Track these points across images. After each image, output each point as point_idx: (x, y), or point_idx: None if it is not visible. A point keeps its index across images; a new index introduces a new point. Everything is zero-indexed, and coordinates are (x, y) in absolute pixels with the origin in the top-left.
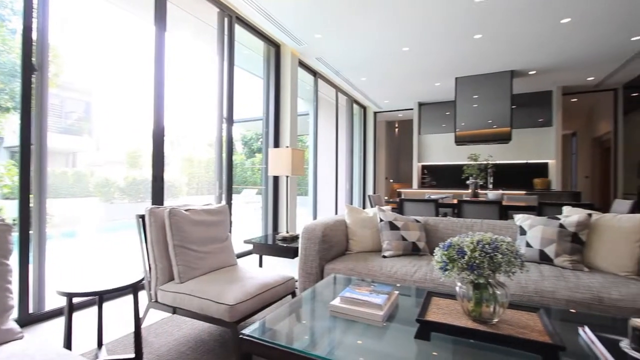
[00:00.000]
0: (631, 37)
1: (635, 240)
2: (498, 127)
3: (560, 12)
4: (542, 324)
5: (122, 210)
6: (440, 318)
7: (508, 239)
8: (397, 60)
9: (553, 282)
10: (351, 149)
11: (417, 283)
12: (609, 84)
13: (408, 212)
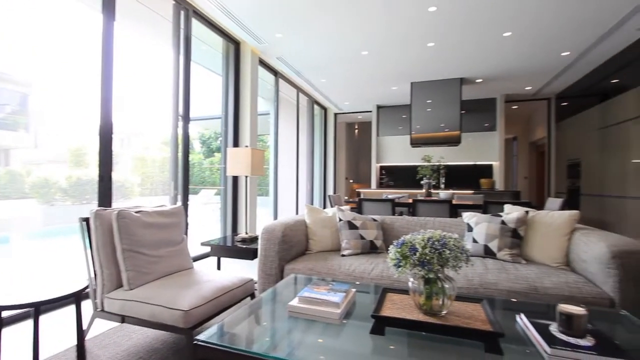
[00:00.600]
0: (561, 53)
1: (564, 234)
2: (449, 131)
3: (503, 27)
4: (485, 313)
5: (64, 213)
6: (394, 313)
7: (455, 235)
8: (356, 64)
9: (496, 275)
10: (312, 150)
11: (374, 280)
12: (544, 94)
13: (367, 212)
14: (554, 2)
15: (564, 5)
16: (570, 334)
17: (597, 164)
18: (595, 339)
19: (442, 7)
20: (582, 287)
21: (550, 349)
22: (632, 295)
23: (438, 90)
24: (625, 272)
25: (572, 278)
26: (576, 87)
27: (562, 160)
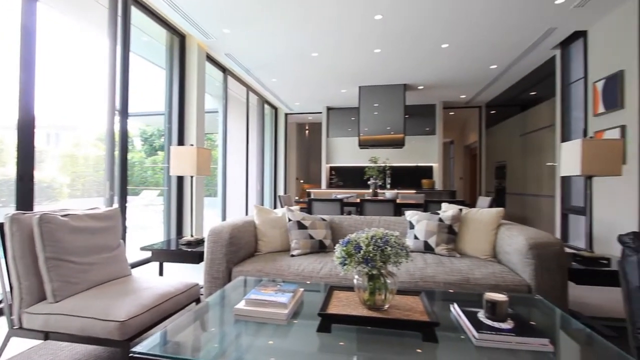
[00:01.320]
0: (490, 66)
1: (491, 229)
2: (394, 134)
3: (441, 39)
4: (423, 305)
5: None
6: (340, 310)
7: (396, 233)
8: (307, 65)
9: (434, 268)
10: (262, 149)
11: (323, 279)
12: (476, 102)
13: (316, 211)
14: (483, 21)
15: (491, 25)
16: (494, 319)
17: (519, 167)
18: (515, 322)
19: (387, 16)
20: (505, 276)
21: (478, 334)
22: (545, 281)
23: (384, 94)
24: (540, 261)
25: (498, 268)
26: (502, 97)
27: (491, 163)
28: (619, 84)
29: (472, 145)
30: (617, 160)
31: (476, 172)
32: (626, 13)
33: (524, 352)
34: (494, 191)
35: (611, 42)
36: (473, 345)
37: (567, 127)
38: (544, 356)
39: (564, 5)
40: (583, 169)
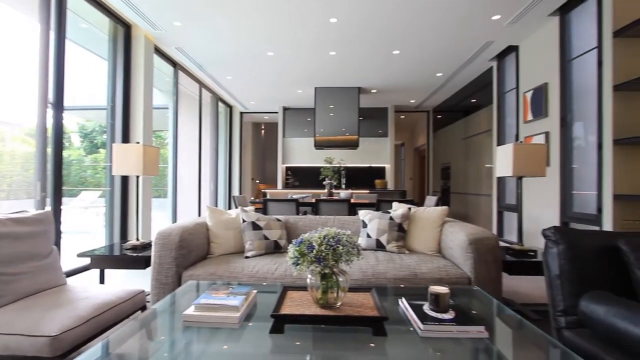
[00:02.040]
0: (436, 74)
1: (437, 226)
2: (349, 135)
3: (392, 45)
4: (373, 301)
5: None
6: (294, 310)
7: (348, 232)
8: (262, 64)
9: (385, 265)
10: (216, 149)
11: (278, 279)
12: (424, 107)
13: (272, 212)
14: (430, 32)
15: (437, 36)
16: (438, 310)
17: (462, 168)
18: (456, 312)
19: (342, 19)
20: (449, 270)
21: (422, 325)
22: (483, 273)
23: (340, 96)
24: (478, 255)
25: (442, 263)
26: (447, 103)
27: (437, 164)
28: (543, 95)
29: (421, 148)
30: (541, 163)
31: (424, 173)
32: (549, 32)
33: (464, 340)
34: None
35: (537, 57)
36: (419, 336)
37: (502, 132)
38: (480, 342)
39: (499, 22)
40: (514, 170)
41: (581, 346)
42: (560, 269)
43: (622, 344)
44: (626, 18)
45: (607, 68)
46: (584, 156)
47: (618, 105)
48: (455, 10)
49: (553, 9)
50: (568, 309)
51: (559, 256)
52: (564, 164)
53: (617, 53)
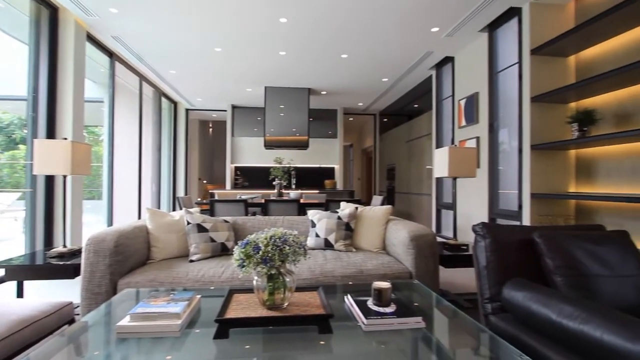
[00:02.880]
0: (382, 79)
1: (381, 225)
2: (299, 135)
3: (341, 49)
4: (320, 299)
5: None
6: (240, 313)
7: (295, 232)
8: (209, 60)
9: (333, 263)
10: (159, 147)
11: (225, 283)
12: (371, 110)
13: (219, 213)
14: (376, 38)
15: (383, 43)
16: (380, 305)
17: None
18: (397, 306)
19: (292, 20)
20: (392, 265)
21: (366, 320)
22: (422, 267)
23: (290, 96)
24: (418, 251)
25: (387, 259)
26: (393, 107)
27: (384, 165)
28: (475, 103)
29: (368, 149)
30: (472, 165)
31: (372, 174)
32: (480, 46)
33: (404, 331)
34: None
35: (470, 68)
36: (362, 331)
37: (440, 136)
38: (419, 331)
39: (438, 34)
40: (449, 171)
41: (504, 329)
42: (487, 261)
43: (536, 325)
44: (542, 38)
45: (526, 81)
46: (508, 159)
47: (535, 115)
48: (399, 21)
49: (483, 25)
50: (493, 296)
51: (485, 249)
52: (492, 166)
53: (534, 68)
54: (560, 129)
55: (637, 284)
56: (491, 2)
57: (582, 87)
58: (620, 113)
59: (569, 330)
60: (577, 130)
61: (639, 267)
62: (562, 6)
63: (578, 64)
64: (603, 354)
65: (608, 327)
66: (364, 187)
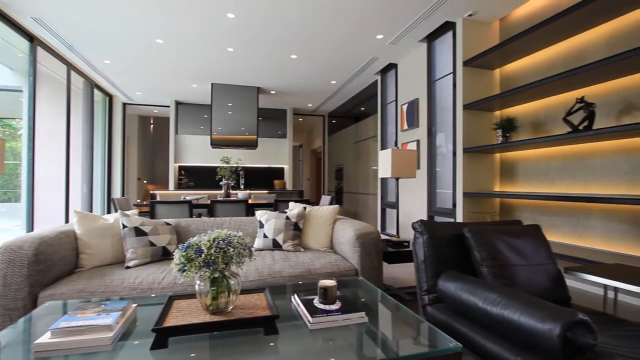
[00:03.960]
0: (331, 81)
1: (329, 224)
2: (248, 135)
3: (290, 49)
4: (266, 301)
5: None
6: (180, 320)
7: (240, 233)
8: (150, 51)
9: (281, 264)
10: (91, 144)
11: (166, 290)
12: (320, 111)
13: (161, 215)
14: (325, 41)
15: (331, 46)
16: (326, 303)
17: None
18: (342, 303)
19: (240, 16)
20: (339, 264)
21: (312, 319)
22: (367, 264)
23: (238, 94)
24: (364, 248)
25: (334, 258)
26: (341, 109)
27: (332, 166)
28: (415, 108)
29: (317, 150)
30: (413, 166)
31: (321, 174)
32: (420, 55)
33: (349, 326)
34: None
35: (411, 75)
36: (308, 329)
37: (385, 138)
38: (363, 326)
39: (382, 41)
40: (392, 172)
41: (440, 318)
42: (424, 255)
43: (466, 312)
44: (472, 51)
45: (459, 90)
46: (445, 161)
47: (466, 121)
48: (346, 26)
49: (422, 36)
50: (430, 288)
51: (423, 245)
52: (430, 168)
53: (466, 78)
54: (487, 135)
55: (547, 271)
56: (430, 15)
57: (504, 97)
58: (535, 121)
59: (492, 315)
60: (501, 135)
61: (548, 256)
62: (489, 24)
63: (502, 76)
64: (521, 334)
65: (524, 310)
66: (313, 187)
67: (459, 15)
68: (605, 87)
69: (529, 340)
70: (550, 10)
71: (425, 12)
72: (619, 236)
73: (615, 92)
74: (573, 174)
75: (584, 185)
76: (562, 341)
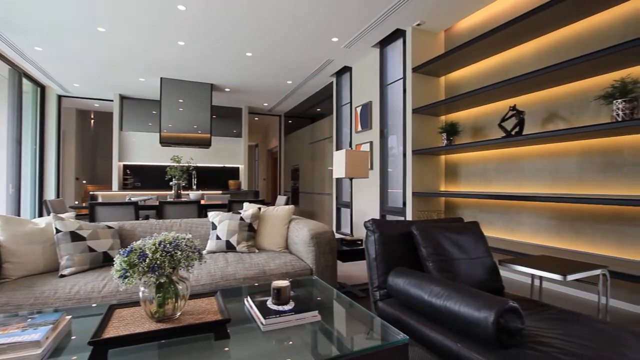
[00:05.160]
0: (287, 81)
1: (284, 224)
2: (201, 133)
3: (245, 47)
4: (217, 305)
5: None
6: (122, 331)
7: (189, 235)
8: (90, 40)
9: (235, 266)
10: (18, 139)
11: (107, 298)
12: (277, 111)
13: (103, 218)
14: (280, 40)
15: (287, 46)
16: (279, 303)
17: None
18: (295, 302)
19: (191, 8)
20: (295, 264)
21: (264, 320)
22: (322, 263)
23: (190, 91)
24: (318, 248)
25: (289, 258)
26: (297, 109)
27: (288, 166)
28: (369, 111)
29: (273, 150)
30: (366, 167)
31: (277, 174)
32: (373, 59)
33: (304, 325)
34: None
35: (365, 79)
36: (261, 331)
37: (340, 139)
38: (316, 325)
39: (337, 44)
40: (346, 172)
41: (390, 313)
42: (375, 253)
43: (414, 306)
44: (421, 58)
45: (409, 95)
46: (396, 162)
47: (415, 124)
48: (301, 26)
49: (375, 41)
50: (381, 284)
51: (375, 242)
52: (383, 168)
53: (415, 84)
54: (434, 138)
55: (484, 264)
56: (382, 22)
57: (449, 103)
58: (475, 126)
59: (436, 307)
60: (445, 139)
61: (485, 250)
62: (436, 34)
63: (447, 83)
64: (461, 323)
65: (463, 301)
66: (269, 188)
67: (409, 24)
68: (534, 97)
69: (468, 328)
70: (489, 24)
71: (378, 19)
72: (544, 230)
73: (541, 102)
74: (507, 175)
75: (516, 185)
76: (495, 327)
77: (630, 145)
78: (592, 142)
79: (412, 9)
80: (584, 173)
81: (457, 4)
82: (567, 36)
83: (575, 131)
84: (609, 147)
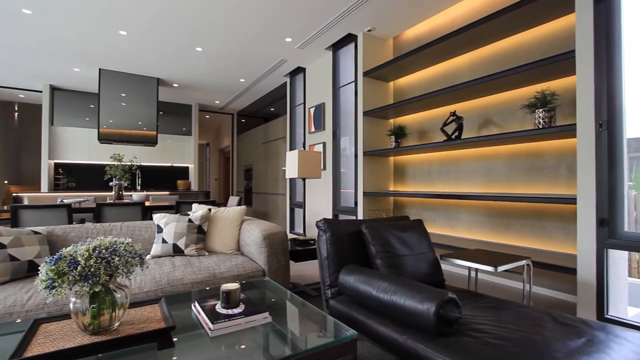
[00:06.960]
0: (239, 79)
1: (236, 226)
2: (147, 130)
3: (195, 42)
4: (161, 312)
5: None
6: (48, 347)
7: (128, 239)
8: (13, 22)
9: (182, 270)
10: None
11: (33, 312)
12: (229, 110)
13: (28, 223)
14: (232, 37)
15: (239, 43)
16: (229, 307)
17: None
18: (245, 305)
19: None
20: (246, 265)
21: (213, 325)
22: (274, 264)
23: (134, 84)
24: (270, 248)
25: (241, 260)
26: (250, 108)
27: (241, 166)
28: (322, 112)
29: (225, 149)
30: (318, 167)
31: (229, 174)
32: (327, 62)
33: (256, 328)
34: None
35: (318, 80)
36: (209, 337)
37: (294, 139)
38: (267, 326)
39: (291, 44)
40: (299, 172)
41: (341, 310)
42: (327, 252)
43: (363, 302)
44: (371, 63)
45: (360, 98)
46: (348, 163)
47: (366, 126)
48: (252, 22)
49: (329, 44)
50: (332, 282)
51: (326, 241)
52: (335, 169)
53: (365, 88)
54: (384, 140)
55: (428, 259)
56: (334, 25)
57: (397, 107)
58: (421, 130)
59: (384, 302)
60: (394, 141)
61: (428, 246)
62: (385, 40)
63: (395, 88)
64: (407, 316)
65: (408, 295)
66: (221, 188)
67: (360, 30)
68: (471, 104)
69: (413, 320)
70: (433, 35)
71: (331, 22)
72: (479, 227)
73: (477, 108)
74: (447, 175)
75: (456, 185)
76: (436, 317)
77: (550, 150)
78: (519, 147)
79: (363, 15)
80: (512, 174)
81: (404, 13)
82: (497, 51)
83: (504, 136)
84: (532, 151)
